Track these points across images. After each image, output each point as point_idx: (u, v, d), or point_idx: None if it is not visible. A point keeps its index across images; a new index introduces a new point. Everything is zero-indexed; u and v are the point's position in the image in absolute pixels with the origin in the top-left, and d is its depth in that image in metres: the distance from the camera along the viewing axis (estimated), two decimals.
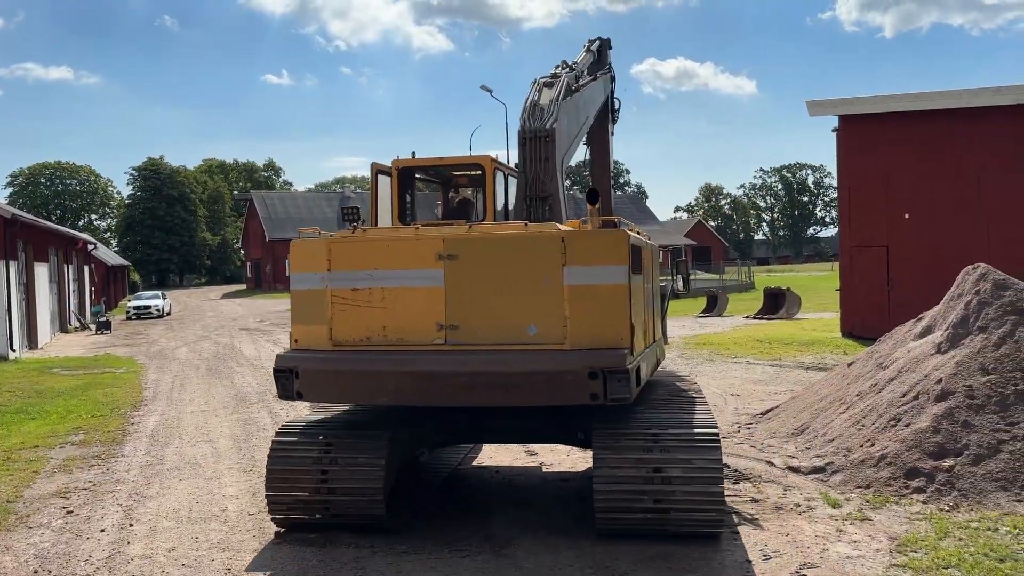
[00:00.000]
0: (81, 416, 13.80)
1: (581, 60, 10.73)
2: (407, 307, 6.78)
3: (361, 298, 6.87)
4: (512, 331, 6.58)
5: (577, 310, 6.48)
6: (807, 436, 9.82)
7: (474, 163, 8.77)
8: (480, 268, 6.68)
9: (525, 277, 6.59)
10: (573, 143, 9.36)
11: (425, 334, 6.74)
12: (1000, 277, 9.59)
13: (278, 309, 47.81)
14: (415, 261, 6.76)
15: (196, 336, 31.40)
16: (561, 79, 9.13)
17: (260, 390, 16.40)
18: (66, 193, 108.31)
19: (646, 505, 6.57)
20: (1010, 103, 18.76)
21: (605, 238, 6.68)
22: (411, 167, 8.85)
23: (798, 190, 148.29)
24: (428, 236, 6.85)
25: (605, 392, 6.27)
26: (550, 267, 6.53)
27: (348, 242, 7.00)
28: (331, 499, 7.03)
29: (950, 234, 19.43)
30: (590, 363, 6.29)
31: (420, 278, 6.74)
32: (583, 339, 6.45)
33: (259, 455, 10.58)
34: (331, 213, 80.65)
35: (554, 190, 8.16)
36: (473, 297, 6.68)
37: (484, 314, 6.67)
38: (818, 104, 21.78)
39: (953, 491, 7.61)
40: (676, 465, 6.56)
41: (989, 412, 8.23)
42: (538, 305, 6.55)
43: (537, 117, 8.41)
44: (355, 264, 6.90)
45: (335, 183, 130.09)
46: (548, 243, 6.58)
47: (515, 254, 6.66)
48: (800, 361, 17.67)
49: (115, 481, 9.49)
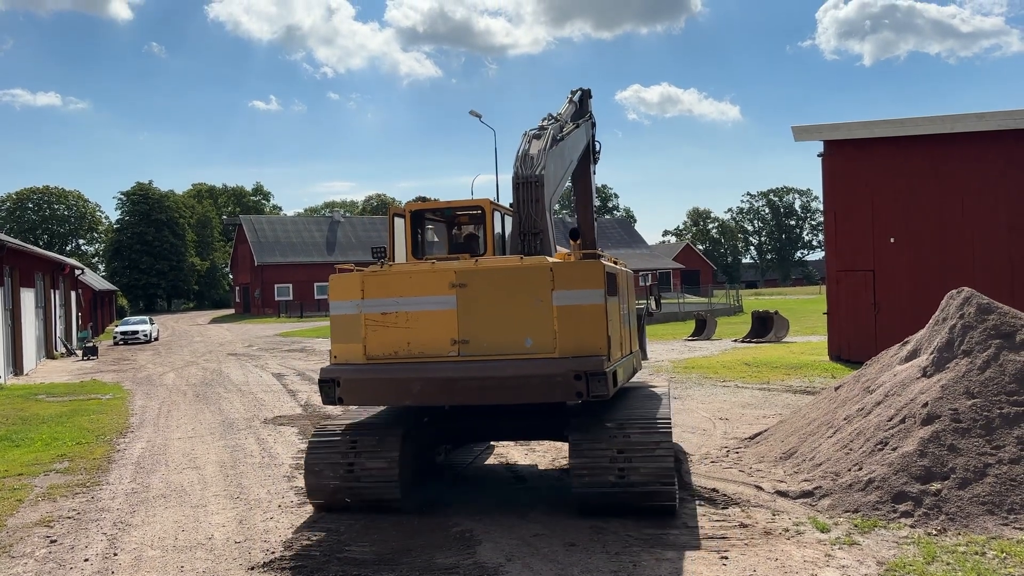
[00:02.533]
0: (66, 443, 13.68)
1: (564, 111, 12.13)
2: (426, 326, 8.33)
3: (389, 320, 8.44)
4: (512, 343, 8.10)
5: (564, 325, 7.99)
6: (795, 460, 9.83)
7: (476, 205, 10.29)
8: (485, 294, 8.20)
9: (521, 300, 8.11)
10: (560, 184, 10.94)
11: (442, 348, 8.28)
12: (984, 301, 9.67)
13: (266, 334, 47.58)
14: (432, 289, 8.32)
15: (184, 361, 31.22)
16: (548, 131, 10.52)
17: (248, 416, 16.31)
18: (54, 218, 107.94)
19: (612, 479, 8.02)
20: (993, 129, 19.00)
21: (585, 267, 8.15)
22: (422, 210, 10.42)
23: (785, 214, 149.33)
24: (442, 269, 8.37)
25: (588, 390, 7.78)
26: (541, 291, 8.05)
27: (378, 275, 8.56)
28: (356, 486, 8.56)
29: (935, 258, 19.59)
30: (575, 367, 7.80)
31: (436, 303, 8.30)
32: (569, 348, 7.97)
33: (246, 482, 10.52)
34: (320, 238, 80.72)
35: (544, 226, 9.57)
36: (480, 317, 8.20)
37: (489, 330, 8.18)
38: (804, 129, 22.01)
39: (940, 515, 7.63)
40: (635, 445, 8.08)
41: (975, 436, 8.28)
42: (532, 322, 8.06)
43: (528, 165, 9.79)
44: (384, 293, 8.47)
45: (324, 207, 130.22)
46: (539, 272, 8.10)
47: (513, 282, 8.18)
48: (788, 384, 17.71)
49: (100, 509, 9.39)
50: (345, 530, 8.19)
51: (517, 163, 9.92)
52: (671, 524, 7.96)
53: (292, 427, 14.73)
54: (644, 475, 8.00)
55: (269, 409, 17.22)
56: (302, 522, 8.55)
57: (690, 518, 8.14)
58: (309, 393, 19.64)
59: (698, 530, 7.76)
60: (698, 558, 7.00)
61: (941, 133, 19.71)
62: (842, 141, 21.27)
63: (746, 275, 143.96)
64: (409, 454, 8.89)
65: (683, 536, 7.60)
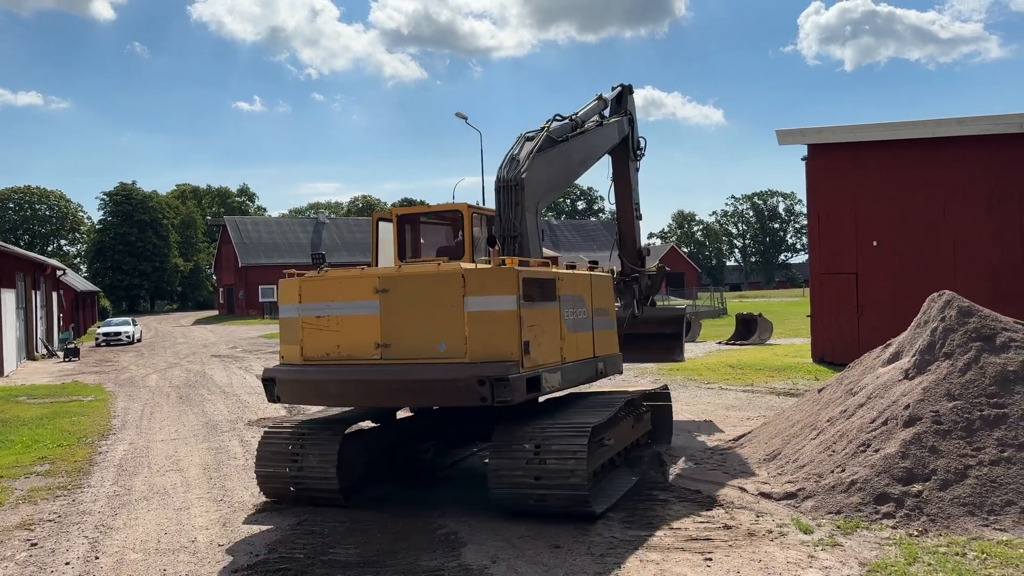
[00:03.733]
0: (47, 446, 13.56)
1: (585, 110, 12.21)
2: (353, 330, 8.59)
3: (322, 323, 8.73)
4: (428, 348, 8.25)
5: (474, 331, 8.10)
6: (779, 462, 9.89)
7: (455, 209, 10.47)
8: (405, 299, 8.40)
9: (437, 305, 8.26)
10: (558, 185, 11.32)
11: (367, 351, 8.51)
12: (965, 304, 9.76)
13: (250, 335, 47.36)
14: (359, 294, 8.57)
15: (167, 363, 31.02)
16: (542, 134, 10.68)
17: (231, 418, 16.22)
18: (35, 218, 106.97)
19: (528, 480, 8.09)
20: (974, 133, 19.19)
21: (497, 274, 8.19)
22: (408, 214, 10.86)
23: (769, 217, 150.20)
24: (368, 275, 8.69)
25: (492, 396, 7.81)
26: (454, 297, 8.17)
27: (313, 280, 8.89)
28: (299, 475, 8.96)
29: (917, 261, 19.76)
30: (479, 372, 7.87)
31: (362, 307, 8.54)
32: (479, 353, 8.05)
33: (230, 484, 10.46)
34: (305, 239, 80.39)
35: (524, 230, 9.82)
36: (401, 321, 8.40)
37: (408, 334, 8.37)
38: (788, 133, 22.14)
39: (922, 516, 7.69)
40: (546, 450, 8.10)
41: (956, 437, 8.35)
42: (446, 327, 8.21)
43: (512, 168, 10.05)
44: (318, 297, 8.79)
45: (309, 208, 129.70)
46: (452, 278, 8.23)
47: (430, 287, 8.33)
48: (772, 387, 17.81)
49: (81, 512, 9.32)
50: (330, 532, 8.17)
51: (503, 165, 10.13)
52: (656, 526, 7.98)
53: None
54: (558, 478, 7.99)
55: (253, 411, 17.14)
56: (286, 524, 8.52)
57: (674, 520, 8.17)
58: None
59: (682, 532, 7.79)
60: (683, 560, 7.02)
61: (924, 137, 19.90)
62: (826, 145, 21.42)
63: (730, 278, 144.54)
64: (356, 454, 9.31)
65: (667, 538, 7.63)
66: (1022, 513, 7.51)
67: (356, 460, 9.33)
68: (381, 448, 9.92)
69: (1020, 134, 18.57)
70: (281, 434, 9.31)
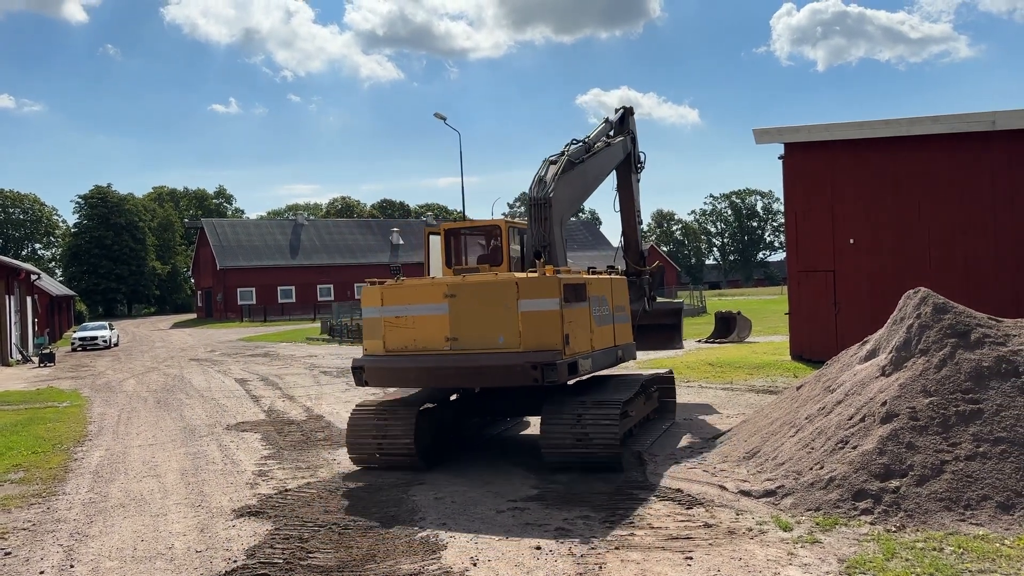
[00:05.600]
0: (21, 453, 13.37)
1: (595, 133, 14.32)
2: (427, 327, 10.48)
3: (401, 322, 10.66)
4: (489, 340, 10.17)
5: (527, 326, 10.01)
6: (758, 460, 9.93)
7: (494, 225, 12.40)
8: (470, 302, 10.30)
9: (496, 306, 10.16)
10: (578, 200, 13.47)
11: (439, 343, 10.41)
12: (940, 301, 9.85)
13: (229, 338, 47.02)
14: (431, 298, 10.49)
15: (144, 367, 30.72)
16: (564, 158, 12.65)
17: (210, 422, 16.08)
18: (9, 222, 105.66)
19: (572, 441, 10.09)
20: (946, 131, 19.39)
21: (544, 281, 10.07)
22: (454, 228, 12.72)
23: (747, 215, 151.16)
24: (438, 283, 10.61)
25: (543, 377, 9.72)
26: (509, 300, 10.09)
27: (394, 287, 10.81)
28: (384, 444, 10.82)
29: (893, 258, 19.94)
30: (532, 359, 9.81)
31: (434, 309, 10.46)
32: (531, 344, 9.97)
33: (208, 489, 10.37)
34: (284, 241, 79.92)
35: (551, 241, 11.79)
36: (466, 320, 10.28)
37: (472, 330, 10.26)
38: (764, 132, 22.27)
39: (900, 512, 7.75)
40: (588, 418, 10.11)
41: (932, 433, 8.42)
42: (504, 324, 10.10)
43: (540, 189, 12.02)
44: (397, 301, 10.71)
45: (288, 211, 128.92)
46: (508, 286, 10.16)
47: (490, 292, 10.25)
48: (751, 384, 17.90)
49: (56, 520, 9.19)
50: (309, 536, 8.11)
51: (532, 186, 12.15)
52: (637, 525, 8.00)
53: (255, 433, 14.56)
54: (596, 439, 10.01)
55: (232, 415, 17.00)
56: (264, 530, 8.44)
57: (655, 519, 8.19)
58: (272, 399, 19.42)
59: (663, 531, 7.80)
60: (663, 559, 7.03)
61: (897, 136, 20.08)
62: (802, 144, 21.57)
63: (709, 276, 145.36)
64: (427, 426, 11.16)
65: (648, 537, 7.63)
66: (998, 508, 7.58)
67: (426, 432, 11.11)
68: (441, 423, 11.68)
69: (991, 132, 18.79)
70: (367, 412, 11.11)
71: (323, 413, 16.67)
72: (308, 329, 52.08)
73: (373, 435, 10.89)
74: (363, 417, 11.12)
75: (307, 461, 11.90)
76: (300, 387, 21.62)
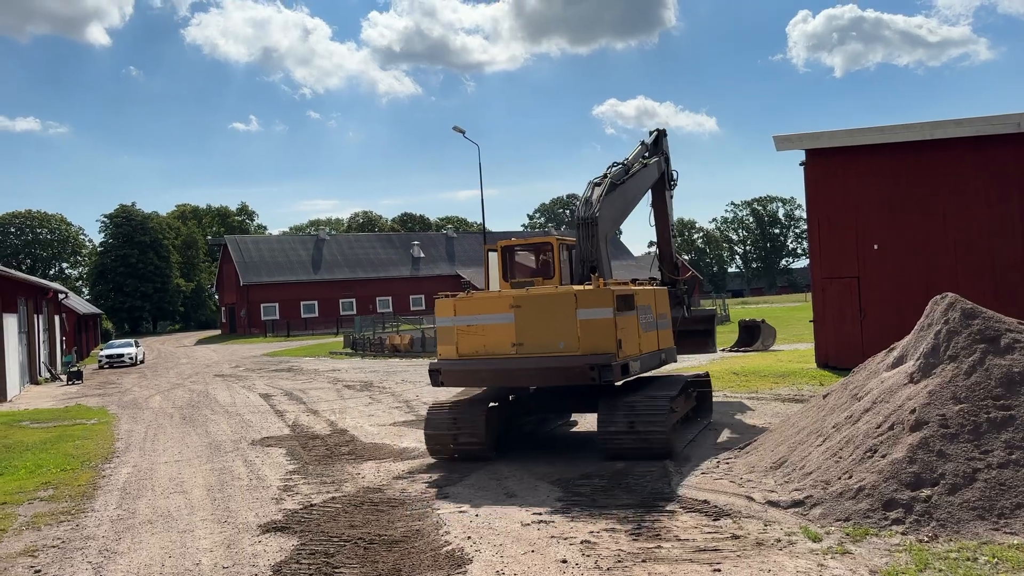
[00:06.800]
0: (51, 470, 13.51)
1: (633, 155, 15.70)
2: (496, 334, 11.78)
3: (472, 330, 11.95)
4: (551, 345, 11.45)
5: (584, 333, 11.28)
6: (786, 469, 9.82)
7: (547, 243, 13.71)
8: (533, 311, 11.60)
9: (557, 315, 11.44)
10: (621, 217, 14.92)
11: (506, 348, 11.71)
12: (968, 306, 9.71)
13: (253, 354, 47.32)
14: (499, 309, 11.81)
15: (170, 384, 30.98)
16: (607, 180, 14.03)
17: (235, 438, 16.17)
18: (37, 242, 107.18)
19: (626, 433, 11.36)
20: (971, 135, 19.18)
21: (598, 293, 11.35)
22: (510, 246, 14.00)
23: (769, 222, 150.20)
24: (505, 295, 11.97)
25: (600, 377, 11.03)
26: (569, 310, 11.36)
27: (465, 299, 12.13)
28: (457, 440, 12.13)
29: (918, 264, 19.71)
30: (590, 362, 11.07)
31: (502, 318, 11.75)
32: (588, 348, 11.23)
33: (234, 505, 10.41)
34: (306, 256, 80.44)
35: (598, 257, 13.08)
36: (530, 327, 11.58)
37: (536, 336, 11.54)
38: (785, 139, 22.14)
39: (932, 521, 7.63)
40: (641, 413, 11.39)
41: (963, 441, 8.29)
42: (564, 331, 11.39)
43: (587, 209, 13.32)
44: (468, 311, 12.01)
45: (310, 226, 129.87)
46: (567, 297, 11.46)
47: (551, 303, 11.52)
48: (777, 393, 17.73)
49: (85, 537, 9.26)
50: (335, 552, 8.11)
51: (580, 207, 13.45)
52: (663, 537, 7.92)
53: (280, 448, 14.61)
54: (647, 433, 11.26)
55: (256, 430, 17.09)
56: (291, 545, 8.46)
57: (682, 531, 8.11)
58: (297, 413, 19.51)
59: (690, 543, 7.73)
60: (691, 571, 6.96)
61: (920, 140, 19.88)
62: (823, 150, 21.41)
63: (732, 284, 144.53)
64: (495, 422, 12.46)
65: (675, 549, 7.56)
66: None
67: (493, 427, 12.35)
68: (504, 419, 12.95)
69: (1017, 134, 18.55)
70: (442, 410, 12.37)
71: (347, 427, 16.71)
72: (331, 343, 52.33)
73: (448, 430, 12.12)
74: (439, 415, 12.36)
75: (332, 475, 11.93)
76: (324, 401, 21.70)
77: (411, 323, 54.92)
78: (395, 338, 40.58)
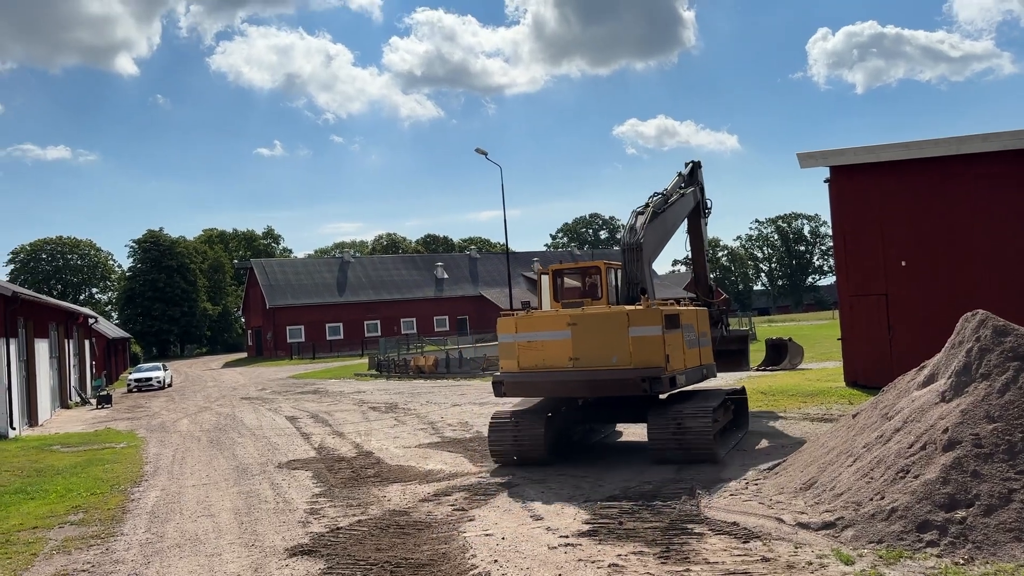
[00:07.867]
0: (81, 494, 13.63)
1: (671, 185, 17.20)
2: (554, 349, 12.86)
3: (532, 345, 13.03)
4: (605, 360, 12.53)
5: (636, 349, 12.34)
6: (816, 490, 9.68)
7: (595, 266, 14.75)
8: (588, 328, 12.66)
9: (610, 333, 12.50)
10: (662, 243, 15.94)
11: (563, 362, 12.80)
12: (1000, 323, 9.56)
13: (279, 376, 47.56)
14: (557, 326, 12.90)
15: (197, 407, 31.21)
16: (649, 208, 15.39)
17: (262, 461, 16.23)
18: (67, 268, 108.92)
19: (674, 441, 12.45)
20: (998, 149, 18.96)
21: (647, 312, 12.45)
22: (560, 269, 15.15)
23: (794, 239, 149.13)
24: (563, 314, 13.03)
25: (650, 388, 12.16)
26: (622, 328, 12.44)
27: (525, 318, 13.25)
28: (518, 446, 13.26)
29: (947, 280, 19.45)
30: (641, 375, 12.16)
31: (559, 335, 12.82)
32: (640, 363, 12.28)
33: (261, 528, 10.43)
34: (331, 279, 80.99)
35: (643, 279, 14.31)
36: (586, 343, 12.63)
37: (591, 352, 12.60)
38: (809, 156, 22.01)
39: (967, 543, 7.47)
40: (687, 422, 12.40)
41: (998, 460, 8.13)
42: (617, 346, 12.44)
43: (632, 235, 14.65)
44: (529, 328, 13.13)
45: (334, 248, 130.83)
46: (620, 316, 12.58)
47: (605, 321, 12.64)
48: (805, 412, 17.52)
49: (114, 561, 9.32)
50: (363, 575, 8.09)
51: (625, 233, 14.87)
52: (692, 560, 7.83)
53: (306, 471, 14.64)
54: (693, 440, 12.31)
55: (283, 453, 17.15)
56: (317, 569, 8.45)
57: (711, 553, 8.01)
58: (322, 436, 19.56)
59: (720, 566, 7.63)
60: None
61: (947, 155, 19.68)
62: (848, 166, 21.25)
63: (758, 302, 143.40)
64: (552, 430, 13.46)
65: (704, 572, 7.46)
66: None
67: (549, 435, 13.34)
68: (559, 429, 13.92)
69: None
70: (503, 420, 13.39)
71: (372, 449, 16.72)
72: (356, 365, 52.51)
73: (510, 436, 13.24)
74: (501, 423, 13.46)
75: (358, 498, 11.93)
76: (349, 423, 21.74)
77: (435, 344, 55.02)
78: (419, 359, 40.67)
